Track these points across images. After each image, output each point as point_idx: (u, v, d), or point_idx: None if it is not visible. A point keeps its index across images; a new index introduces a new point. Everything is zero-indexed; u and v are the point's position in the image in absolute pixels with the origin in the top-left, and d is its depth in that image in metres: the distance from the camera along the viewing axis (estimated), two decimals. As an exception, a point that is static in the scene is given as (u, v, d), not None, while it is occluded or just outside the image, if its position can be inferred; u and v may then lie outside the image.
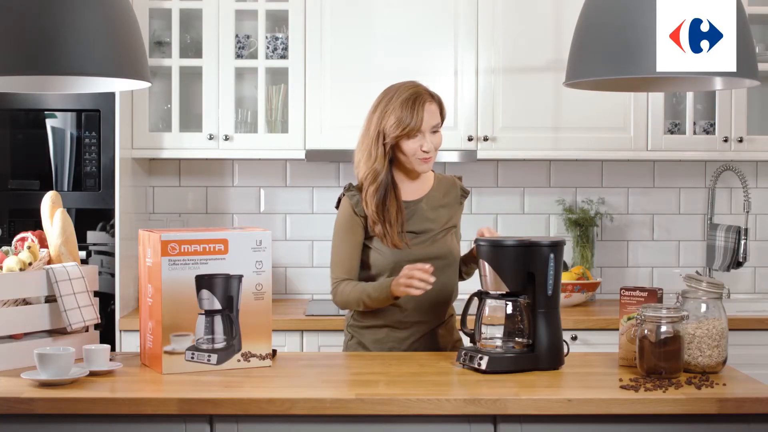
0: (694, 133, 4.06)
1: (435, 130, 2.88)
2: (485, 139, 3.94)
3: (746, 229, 4.05)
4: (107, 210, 3.74)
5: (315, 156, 3.95)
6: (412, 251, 2.85)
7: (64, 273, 2.62)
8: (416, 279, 2.68)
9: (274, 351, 2.67)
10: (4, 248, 2.67)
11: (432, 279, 2.68)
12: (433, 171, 3.02)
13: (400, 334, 2.91)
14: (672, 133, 4.10)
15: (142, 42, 2.40)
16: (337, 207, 2.98)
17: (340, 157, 4.11)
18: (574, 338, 3.68)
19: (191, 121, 4.10)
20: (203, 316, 2.53)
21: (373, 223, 2.88)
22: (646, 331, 2.49)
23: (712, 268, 4.17)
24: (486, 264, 2.60)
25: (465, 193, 3.04)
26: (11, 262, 2.59)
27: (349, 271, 2.90)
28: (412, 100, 2.85)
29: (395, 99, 2.87)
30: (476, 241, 2.69)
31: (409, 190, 2.95)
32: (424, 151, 2.85)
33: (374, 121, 2.89)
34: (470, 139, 3.93)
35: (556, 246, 2.59)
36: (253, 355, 2.58)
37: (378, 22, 3.94)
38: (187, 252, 2.51)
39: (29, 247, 2.65)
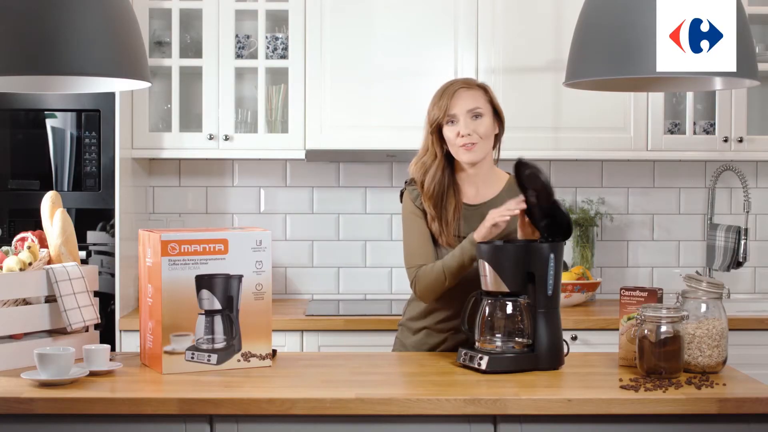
0: (694, 133, 4.06)
1: (475, 116, 2.77)
2: (485, 139, 3.93)
3: (746, 229, 4.05)
4: (107, 210, 3.74)
5: (315, 156, 3.95)
6: None
7: (64, 273, 2.62)
8: (500, 214, 2.62)
9: (274, 351, 2.67)
10: (4, 248, 2.67)
11: (514, 209, 2.59)
12: (509, 174, 2.87)
13: (434, 339, 2.88)
14: (672, 133, 4.10)
15: (142, 42, 2.40)
16: (401, 201, 2.93)
17: (340, 157, 4.11)
18: (574, 338, 3.68)
19: (191, 121, 4.10)
20: (203, 316, 2.53)
21: (431, 219, 2.82)
22: (646, 331, 2.49)
23: (712, 268, 4.17)
24: (486, 264, 2.60)
25: None
26: (11, 262, 2.59)
27: (424, 256, 2.80)
28: (445, 88, 2.83)
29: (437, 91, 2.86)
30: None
31: (473, 194, 2.86)
32: (461, 137, 2.75)
33: (426, 117, 2.87)
34: (470, 139, 3.92)
35: (556, 246, 2.59)
36: (253, 355, 2.58)
37: (378, 22, 3.94)
38: (187, 252, 2.51)
39: (29, 247, 2.65)
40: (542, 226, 2.62)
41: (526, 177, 2.62)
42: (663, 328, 2.47)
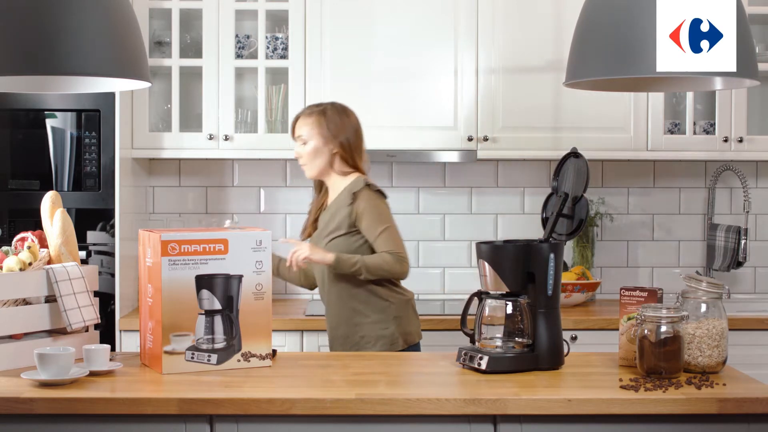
0: (694, 133, 4.06)
1: (302, 142, 3.25)
2: (485, 139, 3.94)
3: (746, 229, 4.05)
4: (107, 210, 3.74)
5: (315, 156, 3.95)
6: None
7: (64, 273, 2.62)
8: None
9: (274, 351, 2.68)
10: (4, 248, 2.67)
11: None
12: (365, 177, 3.21)
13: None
14: (672, 133, 4.10)
15: (142, 42, 2.40)
16: None
17: (340, 157, 4.11)
18: (574, 338, 3.68)
19: (191, 121, 4.10)
20: (203, 316, 2.53)
21: None
22: (646, 331, 2.49)
23: (712, 268, 4.17)
24: (486, 264, 2.60)
25: (352, 199, 3.16)
26: (11, 262, 2.59)
27: None
28: None
29: None
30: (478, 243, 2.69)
31: (332, 197, 3.29)
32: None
33: None
34: (470, 139, 3.93)
35: (556, 246, 2.59)
36: (253, 355, 2.58)
37: (378, 22, 3.94)
38: (187, 252, 2.51)
39: (29, 247, 2.65)
40: (554, 214, 2.65)
41: (572, 167, 2.74)
42: (663, 328, 2.47)
